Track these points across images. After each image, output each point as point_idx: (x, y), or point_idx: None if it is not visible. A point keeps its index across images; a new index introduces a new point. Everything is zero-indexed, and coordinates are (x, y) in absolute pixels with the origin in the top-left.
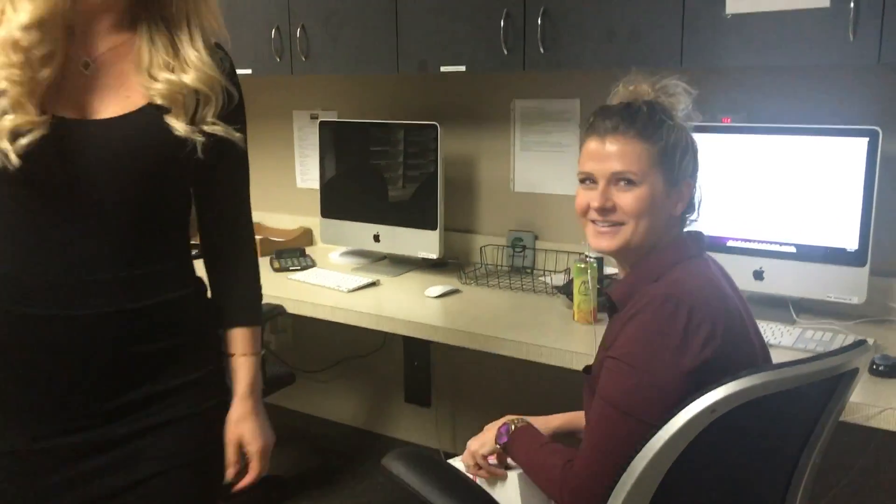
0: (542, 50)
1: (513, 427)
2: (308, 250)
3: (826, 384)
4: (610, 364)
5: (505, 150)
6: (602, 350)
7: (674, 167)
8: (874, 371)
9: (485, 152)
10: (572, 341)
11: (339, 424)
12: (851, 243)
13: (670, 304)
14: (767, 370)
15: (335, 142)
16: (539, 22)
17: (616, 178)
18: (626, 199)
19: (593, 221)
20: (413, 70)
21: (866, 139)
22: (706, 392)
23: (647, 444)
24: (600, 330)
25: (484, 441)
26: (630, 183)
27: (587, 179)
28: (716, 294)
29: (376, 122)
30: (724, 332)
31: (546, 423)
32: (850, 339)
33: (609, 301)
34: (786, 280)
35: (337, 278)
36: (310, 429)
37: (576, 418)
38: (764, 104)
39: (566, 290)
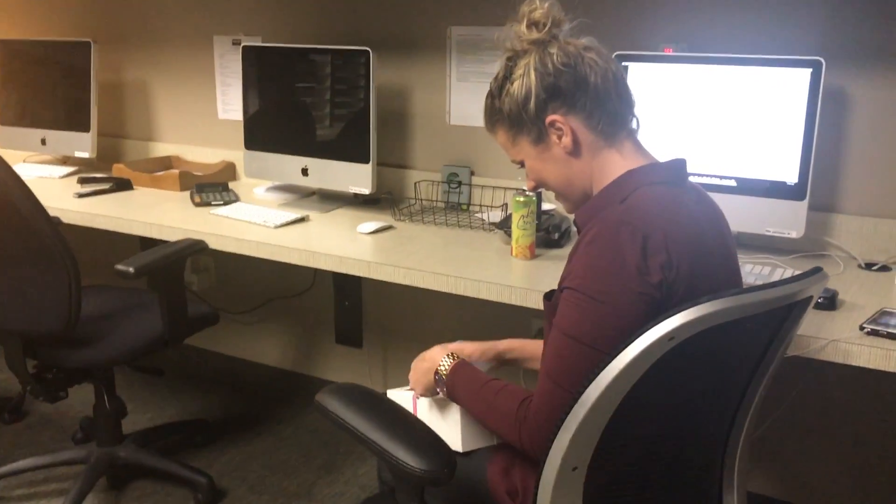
0: None
1: (444, 375)
2: (231, 185)
3: (779, 313)
4: (565, 294)
5: (440, 81)
6: (561, 278)
7: (525, 122)
8: (815, 304)
9: (419, 83)
10: (511, 276)
11: (267, 367)
12: (791, 177)
13: (625, 230)
14: (727, 296)
15: (260, 69)
16: None
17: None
18: (530, 179)
19: None
20: None
21: (809, 70)
22: (664, 319)
23: (602, 373)
24: (539, 265)
25: (425, 385)
26: (522, 165)
27: None
28: (677, 224)
29: (304, 47)
30: (679, 261)
31: (493, 348)
32: (788, 273)
33: (552, 232)
34: (725, 214)
35: (263, 213)
36: (235, 371)
37: (521, 344)
38: (706, 34)
39: (504, 226)
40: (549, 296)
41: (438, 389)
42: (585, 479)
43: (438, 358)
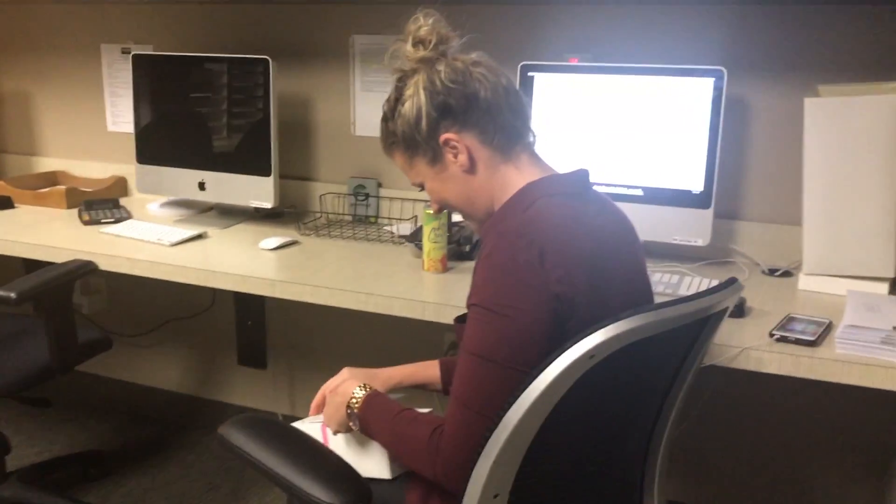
0: None
1: (356, 409)
2: (122, 201)
3: (695, 324)
4: (470, 312)
5: (344, 91)
6: (467, 298)
7: (420, 143)
8: None
9: (322, 92)
10: (424, 291)
11: (165, 392)
12: (697, 185)
13: (521, 242)
14: (648, 311)
15: (151, 79)
16: None
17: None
18: (432, 201)
19: None
20: None
21: (712, 79)
22: (584, 336)
23: (522, 395)
24: (451, 278)
25: (338, 421)
26: (422, 187)
27: None
28: (575, 237)
29: (199, 55)
30: (576, 276)
31: (388, 379)
32: (696, 281)
33: (463, 244)
34: (633, 223)
35: (157, 231)
36: (131, 398)
37: (421, 369)
38: (611, 44)
39: (414, 239)
40: (461, 318)
41: (351, 424)
42: None
43: (350, 390)
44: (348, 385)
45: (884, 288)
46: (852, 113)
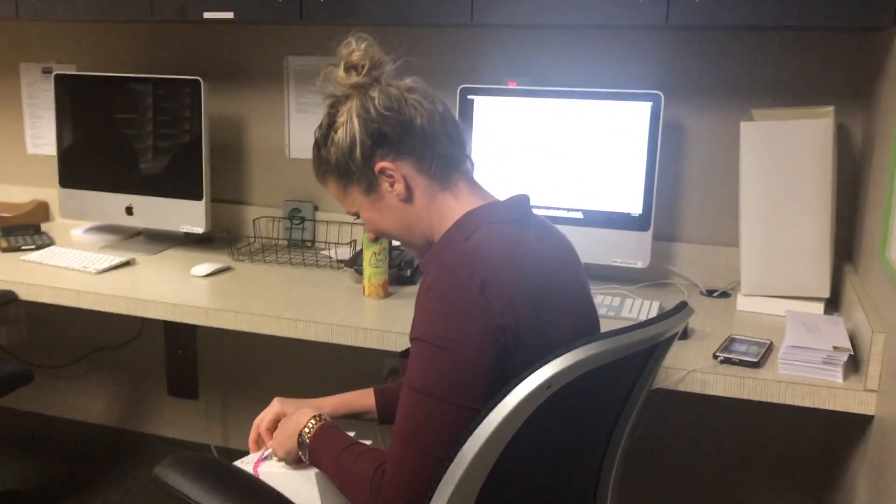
0: None
1: (307, 439)
2: (44, 227)
3: (646, 350)
4: (412, 346)
5: (279, 112)
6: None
7: (354, 172)
8: None
9: (256, 114)
10: (366, 317)
11: (91, 425)
12: (636, 208)
13: (462, 272)
14: (604, 339)
15: (75, 100)
16: None
17: None
18: (368, 230)
19: None
20: (171, 16)
21: (649, 104)
22: (540, 366)
23: (477, 430)
24: (393, 303)
25: (287, 449)
26: (358, 216)
27: None
28: (517, 266)
29: (126, 76)
30: (520, 306)
31: (319, 409)
32: (638, 303)
33: (404, 269)
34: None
35: (82, 258)
36: (55, 433)
37: (355, 398)
38: (550, 67)
39: (353, 264)
40: (404, 354)
41: (301, 454)
42: None
43: (304, 420)
44: (302, 414)
45: (819, 308)
46: (787, 136)
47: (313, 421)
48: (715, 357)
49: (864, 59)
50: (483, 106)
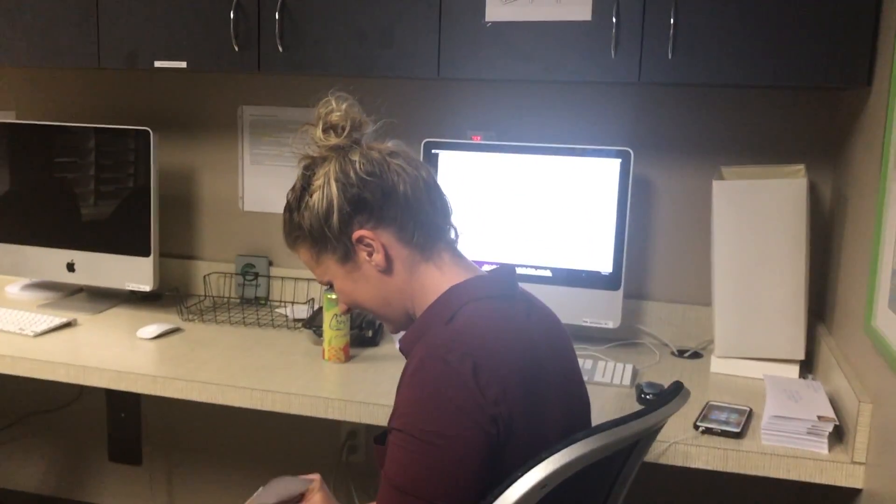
0: (280, 49)
1: None
2: None
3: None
4: (391, 437)
5: (232, 163)
6: (389, 417)
7: (329, 239)
8: (643, 400)
9: (208, 165)
10: (326, 385)
11: (24, 494)
12: (606, 266)
13: (452, 357)
14: (601, 432)
15: (12, 149)
16: (277, 16)
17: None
18: (341, 301)
19: None
20: (119, 64)
21: (619, 160)
22: (536, 463)
23: None
24: (355, 368)
25: None
26: (331, 286)
27: None
28: (509, 346)
29: (70, 125)
30: (514, 389)
31: None
32: (610, 365)
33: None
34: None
35: (18, 318)
36: None
37: None
38: (516, 122)
39: (312, 324)
40: (380, 439)
41: None
42: None
43: None
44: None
45: (794, 370)
46: (761, 196)
47: None
48: (696, 427)
49: (834, 118)
50: (448, 160)
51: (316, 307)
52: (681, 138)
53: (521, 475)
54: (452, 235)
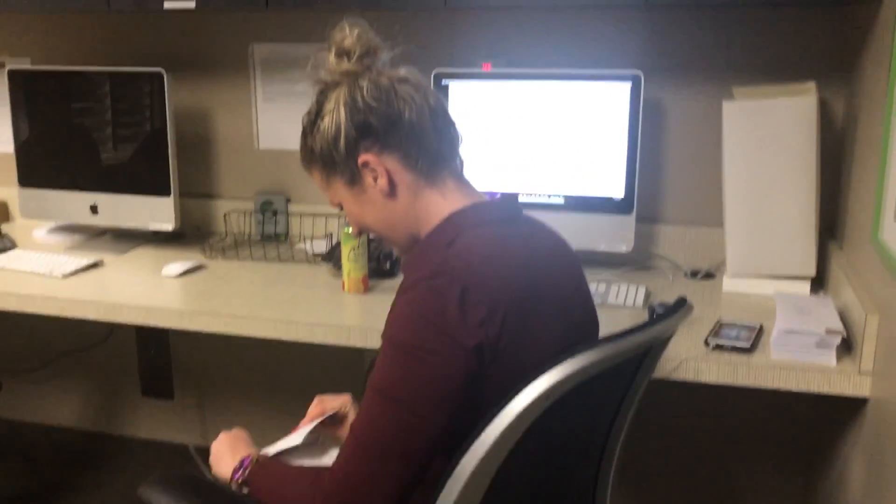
0: None
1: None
2: (4, 228)
3: (641, 351)
4: (382, 347)
5: (246, 102)
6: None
7: (337, 163)
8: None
9: (222, 105)
10: (346, 315)
11: (63, 429)
12: (618, 192)
13: (442, 280)
14: (603, 344)
15: (30, 95)
16: None
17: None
18: (350, 223)
19: None
20: (129, 6)
21: (629, 84)
22: (538, 375)
23: (474, 445)
24: (374, 299)
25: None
26: (341, 207)
27: None
28: (504, 271)
29: (85, 69)
30: (504, 314)
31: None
32: (624, 288)
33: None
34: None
35: (47, 261)
36: (24, 439)
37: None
38: (525, 49)
39: (331, 258)
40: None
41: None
42: None
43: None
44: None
45: (806, 287)
46: (770, 115)
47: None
48: (706, 344)
49: (844, 33)
50: (458, 90)
51: (334, 242)
52: (690, 60)
53: (524, 387)
54: (458, 163)
